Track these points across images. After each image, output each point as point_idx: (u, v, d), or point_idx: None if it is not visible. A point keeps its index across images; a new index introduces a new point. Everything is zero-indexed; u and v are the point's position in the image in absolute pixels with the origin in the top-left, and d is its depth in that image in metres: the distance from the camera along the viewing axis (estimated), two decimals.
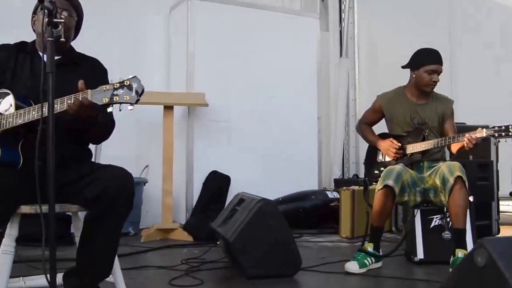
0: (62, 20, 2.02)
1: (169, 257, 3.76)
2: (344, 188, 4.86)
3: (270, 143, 5.31)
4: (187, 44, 5.03)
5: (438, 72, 3.60)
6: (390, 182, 3.31)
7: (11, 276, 2.34)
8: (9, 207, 2.10)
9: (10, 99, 2.22)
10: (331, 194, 5.28)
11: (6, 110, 2.21)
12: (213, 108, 4.95)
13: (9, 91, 2.24)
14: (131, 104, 2.00)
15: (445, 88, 3.75)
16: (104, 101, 2.01)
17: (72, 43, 2.59)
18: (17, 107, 2.19)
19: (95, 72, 2.48)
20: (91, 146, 2.57)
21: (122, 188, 2.16)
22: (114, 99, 2.00)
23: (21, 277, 2.36)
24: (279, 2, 6.15)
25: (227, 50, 5.17)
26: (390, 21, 6.05)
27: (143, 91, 2.03)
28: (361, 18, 6.54)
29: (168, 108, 4.66)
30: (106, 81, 2.42)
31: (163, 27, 5.44)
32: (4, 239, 2.21)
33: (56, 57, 2.39)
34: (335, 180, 5.95)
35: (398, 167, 3.43)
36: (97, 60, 2.58)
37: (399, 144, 3.59)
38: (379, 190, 3.36)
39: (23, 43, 2.47)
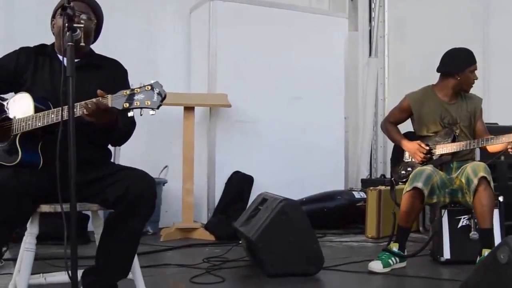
0: (82, 25, 2.05)
1: (190, 256, 3.81)
2: (371, 188, 4.85)
3: (295, 143, 5.31)
4: (208, 45, 5.06)
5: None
6: (419, 185, 3.29)
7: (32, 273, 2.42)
8: (29, 206, 2.15)
9: (29, 102, 2.27)
10: (358, 194, 5.25)
11: (25, 112, 2.26)
12: (235, 108, 4.97)
13: (28, 94, 2.30)
14: (153, 109, 2.02)
15: (477, 87, 3.74)
16: (124, 106, 2.02)
17: (93, 45, 2.63)
18: (36, 110, 2.24)
19: (115, 73, 2.52)
20: (110, 147, 2.61)
21: (144, 190, 2.19)
22: (135, 104, 2.01)
23: (41, 274, 2.41)
24: (306, 2, 6.15)
25: (250, 51, 5.18)
26: (421, 20, 5.98)
27: (165, 96, 2.03)
28: (391, 17, 6.50)
29: (189, 109, 4.69)
30: (126, 82, 2.48)
31: (183, 29, 5.48)
32: (25, 237, 2.28)
33: (75, 60, 2.47)
34: (363, 180, 5.92)
35: (429, 168, 3.40)
36: (117, 61, 2.61)
37: (427, 148, 3.56)
38: (407, 191, 3.34)
39: (42, 46, 2.50)
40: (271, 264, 3.15)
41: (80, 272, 2.29)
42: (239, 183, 4.98)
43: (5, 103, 2.38)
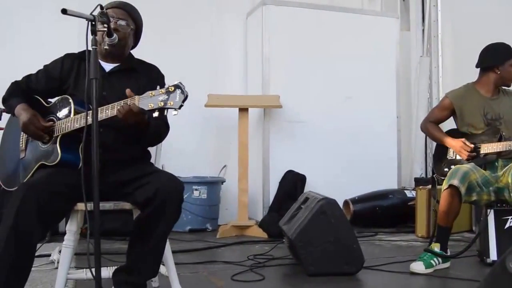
0: (105, 29, 2.03)
1: (239, 253, 3.75)
2: (420, 187, 4.61)
3: (346, 142, 5.16)
4: (262, 48, 5.00)
5: None
6: (455, 182, 3.08)
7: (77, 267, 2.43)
8: (66, 204, 2.15)
9: (69, 105, 2.29)
10: (410, 193, 5.04)
11: (66, 115, 2.29)
12: (288, 109, 4.91)
13: (69, 97, 2.32)
14: (175, 109, 1.99)
15: None
16: (150, 106, 2.01)
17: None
18: (76, 112, 2.25)
19: (152, 78, 2.49)
20: (150, 148, 2.59)
21: (171, 194, 2.14)
22: (159, 105, 1.99)
23: (84, 269, 2.41)
24: (359, 3, 5.99)
25: (303, 52, 5.09)
26: (475, 18, 5.64)
27: (186, 97, 1.99)
28: (445, 16, 6.18)
29: (243, 110, 4.66)
30: (162, 87, 2.46)
31: (241, 33, 5.47)
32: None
33: (115, 64, 2.48)
34: (416, 179, 5.66)
35: (466, 166, 3.18)
36: (154, 66, 2.59)
37: (472, 146, 3.34)
38: (444, 190, 3.14)
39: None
40: (310, 263, 3.04)
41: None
42: (292, 182, 4.89)
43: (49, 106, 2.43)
